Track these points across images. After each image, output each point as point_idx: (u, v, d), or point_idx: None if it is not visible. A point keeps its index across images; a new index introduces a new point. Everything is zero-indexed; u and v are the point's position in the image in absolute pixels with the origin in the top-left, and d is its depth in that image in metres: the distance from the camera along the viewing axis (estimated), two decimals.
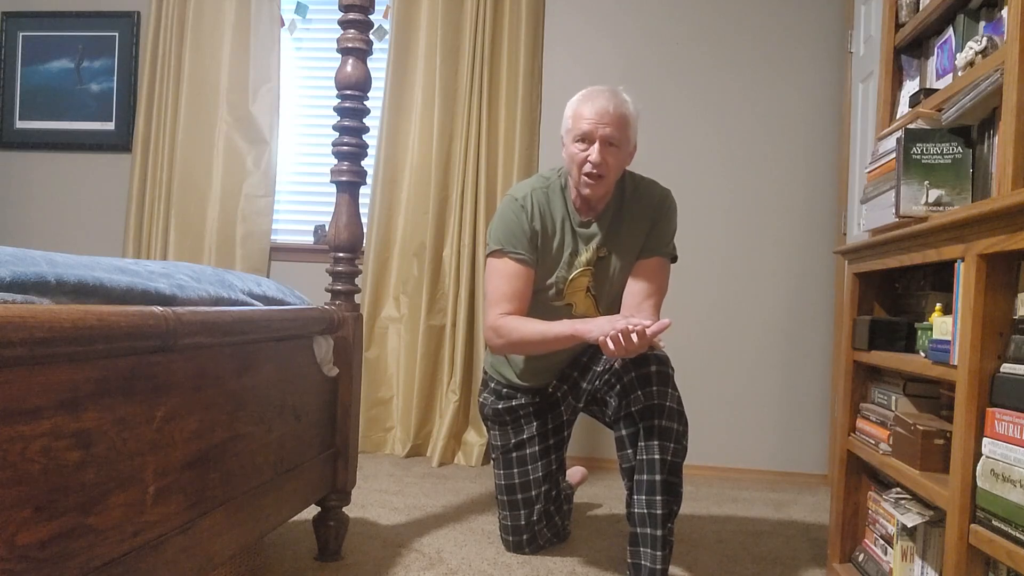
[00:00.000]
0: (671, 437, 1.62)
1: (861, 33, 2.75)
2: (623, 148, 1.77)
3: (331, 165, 1.91)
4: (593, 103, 1.74)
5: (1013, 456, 1.04)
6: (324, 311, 1.75)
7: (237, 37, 3.29)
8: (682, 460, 1.67)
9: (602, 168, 1.74)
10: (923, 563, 1.41)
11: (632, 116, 1.77)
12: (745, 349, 3.08)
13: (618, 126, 1.73)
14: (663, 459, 1.62)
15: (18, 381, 0.81)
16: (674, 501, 1.65)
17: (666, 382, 1.65)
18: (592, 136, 1.73)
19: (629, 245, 1.88)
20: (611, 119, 1.72)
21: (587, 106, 1.75)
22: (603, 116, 1.72)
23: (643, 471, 1.63)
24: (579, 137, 1.75)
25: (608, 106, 1.73)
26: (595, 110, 1.73)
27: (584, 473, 2.62)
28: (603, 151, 1.73)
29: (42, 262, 0.96)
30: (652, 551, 1.61)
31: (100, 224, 3.47)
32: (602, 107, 1.73)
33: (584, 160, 1.74)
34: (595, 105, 1.73)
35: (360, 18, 1.84)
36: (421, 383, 3.13)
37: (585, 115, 1.74)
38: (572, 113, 1.79)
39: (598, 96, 1.75)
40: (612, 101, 1.74)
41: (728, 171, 3.10)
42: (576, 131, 1.76)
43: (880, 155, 1.68)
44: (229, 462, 1.30)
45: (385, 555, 1.92)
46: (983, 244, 1.14)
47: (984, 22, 1.48)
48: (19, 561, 0.82)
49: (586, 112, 1.74)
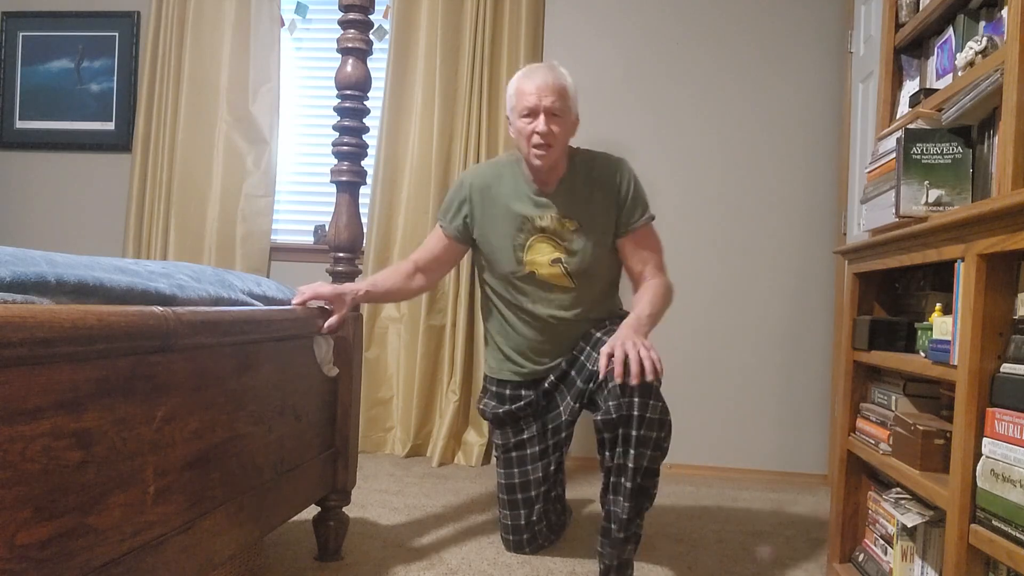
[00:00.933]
0: (648, 444, 1.62)
1: (861, 33, 2.75)
2: (566, 118, 1.86)
3: (331, 165, 1.91)
4: (533, 79, 1.83)
5: (1013, 456, 1.04)
6: (324, 311, 1.75)
7: (237, 37, 3.29)
8: (660, 464, 1.67)
9: (549, 137, 1.82)
10: (923, 563, 1.41)
11: (571, 87, 1.87)
12: (745, 349, 3.08)
13: (559, 96, 1.82)
14: (637, 466, 1.62)
15: (18, 381, 0.81)
16: (645, 500, 1.67)
17: (647, 392, 1.61)
18: (536, 109, 1.81)
19: (596, 218, 1.92)
20: (552, 90, 1.81)
21: (528, 82, 1.83)
22: (544, 89, 1.81)
23: (618, 475, 1.64)
24: (524, 112, 1.83)
25: (548, 79, 1.82)
26: (536, 84, 1.82)
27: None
28: (548, 121, 1.81)
29: (42, 262, 0.96)
30: (615, 549, 1.67)
31: (100, 224, 3.47)
32: (542, 81, 1.82)
33: (532, 132, 1.82)
34: (535, 80, 1.82)
35: (360, 18, 1.84)
36: (421, 383, 3.13)
37: (527, 90, 1.82)
38: (515, 91, 1.87)
39: (537, 72, 1.85)
40: (551, 74, 1.83)
41: (728, 171, 3.10)
42: (521, 107, 1.84)
43: (880, 155, 1.68)
44: (229, 462, 1.30)
45: (385, 555, 1.92)
46: (983, 244, 1.14)
47: (984, 22, 1.48)
48: (19, 561, 0.82)
49: (528, 87, 1.82)
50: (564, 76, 1.86)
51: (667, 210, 2.93)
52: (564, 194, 1.92)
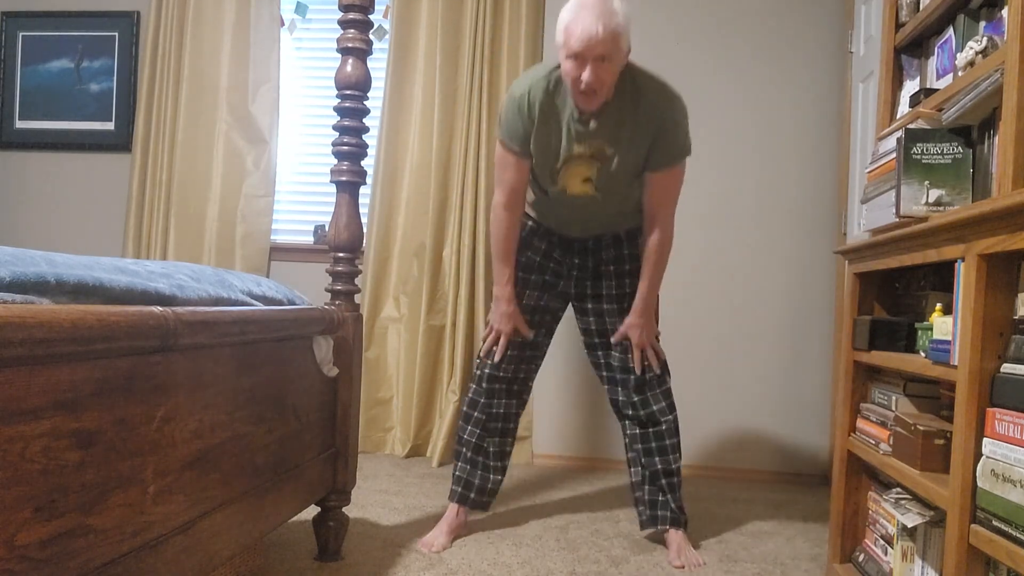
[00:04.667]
0: (668, 451, 2.09)
1: (861, 33, 2.75)
2: (615, 59, 1.77)
3: (331, 165, 1.91)
4: (582, 24, 1.72)
5: (1013, 456, 1.04)
6: (324, 311, 1.75)
7: (237, 37, 3.29)
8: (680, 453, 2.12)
9: (595, 84, 1.76)
10: (923, 563, 1.41)
11: (622, 26, 1.75)
12: (745, 349, 3.08)
13: (608, 43, 1.72)
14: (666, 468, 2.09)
15: (18, 381, 0.81)
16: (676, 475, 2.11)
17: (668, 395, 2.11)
18: (583, 57, 1.74)
19: (631, 145, 1.92)
20: (600, 40, 1.71)
21: (576, 26, 1.73)
22: (592, 39, 1.71)
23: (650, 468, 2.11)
24: (570, 55, 1.76)
25: (596, 27, 1.70)
26: (584, 33, 1.71)
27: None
28: (595, 68, 1.74)
29: (42, 262, 0.96)
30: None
31: (100, 224, 3.47)
32: (591, 29, 1.71)
33: (577, 77, 1.76)
34: (583, 27, 1.71)
35: (360, 18, 1.84)
36: (421, 383, 3.13)
37: (575, 34, 1.73)
38: (563, 28, 1.77)
39: (586, 15, 1.72)
40: (600, 20, 1.71)
41: (728, 171, 3.10)
42: (567, 49, 1.76)
43: (880, 155, 1.68)
44: (229, 462, 1.30)
45: (385, 555, 1.92)
46: (983, 244, 1.14)
47: (984, 22, 1.48)
48: (19, 561, 0.82)
49: (575, 31, 1.73)
50: (615, 16, 1.73)
51: None
52: (607, 122, 1.88)
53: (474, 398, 2.15)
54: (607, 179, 1.96)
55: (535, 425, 3.15)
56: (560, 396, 3.17)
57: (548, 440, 3.16)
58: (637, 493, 2.12)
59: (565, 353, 3.15)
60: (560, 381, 3.17)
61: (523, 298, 2.11)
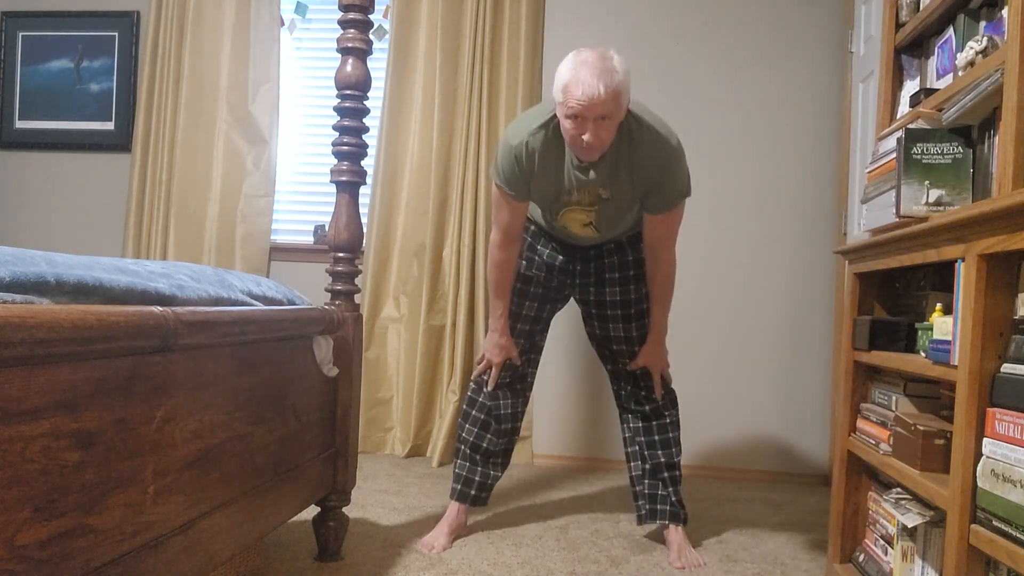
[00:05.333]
0: (670, 444, 2.13)
1: (861, 33, 2.75)
2: (616, 116, 1.74)
3: (331, 165, 1.91)
4: (582, 86, 1.67)
5: (1013, 456, 1.04)
6: (324, 311, 1.75)
7: (237, 37, 3.29)
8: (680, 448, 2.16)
9: (596, 143, 1.73)
10: (923, 563, 1.41)
11: (623, 84, 1.71)
12: (745, 349, 3.08)
13: (609, 103, 1.68)
14: (668, 461, 2.12)
15: (18, 381, 0.81)
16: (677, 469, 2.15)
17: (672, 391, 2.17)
18: (584, 117, 1.69)
19: (628, 188, 1.90)
20: (601, 101, 1.67)
21: (576, 87, 1.67)
22: (593, 100, 1.66)
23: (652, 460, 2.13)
24: (570, 115, 1.71)
25: (597, 89, 1.66)
26: (585, 96, 1.66)
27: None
28: (596, 127, 1.71)
29: (42, 262, 0.96)
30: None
31: (100, 224, 3.47)
32: (591, 92, 1.66)
33: (577, 136, 1.72)
34: (584, 89, 1.66)
35: (360, 18, 1.84)
36: (421, 383, 3.13)
37: (575, 95, 1.67)
38: (562, 87, 1.71)
39: (586, 75, 1.67)
40: (601, 81, 1.66)
41: (727, 171, 3.10)
42: (567, 108, 1.70)
43: (880, 155, 1.68)
44: (229, 462, 1.30)
45: (385, 555, 1.92)
46: (983, 244, 1.14)
47: (984, 22, 1.48)
48: (19, 561, 0.82)
49: (576, 92, 1.67)
50: (615, 75, 1.69)
51: None
52: (605, 169, 1.86)
53: (473, 397, 2.15)
54: (607, 219, 1.97)
55: (535, 425, 3.15)
56: (560, 396, 3.17)
57: (548, 440, 3.16)
58: (637, 487, 2.13)
59: (565, 353, 3.15)
60: (560, 381, 3.17)
61: (523, 308, 2.12)
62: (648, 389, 2.11)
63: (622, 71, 1.71)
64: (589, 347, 3.19)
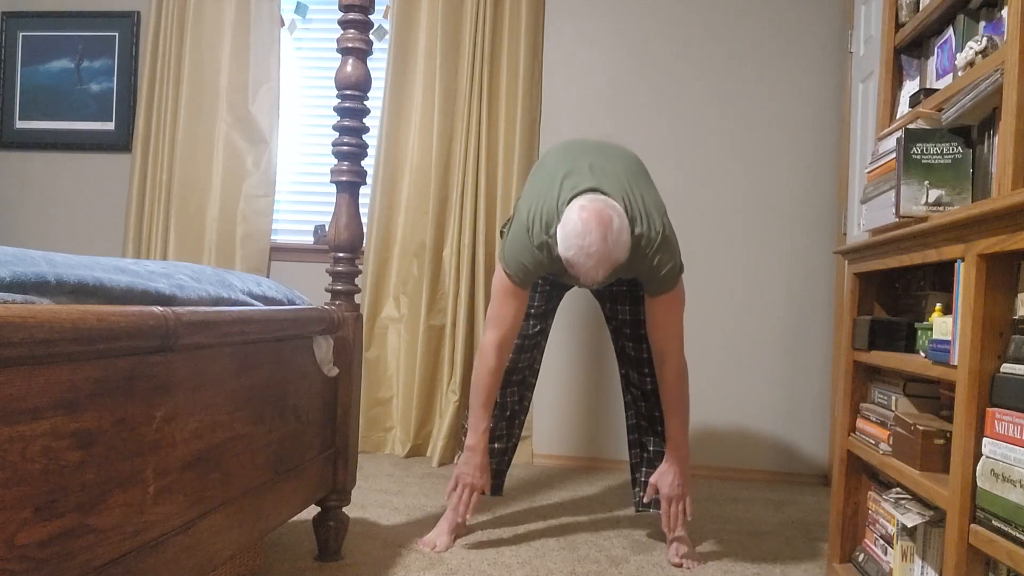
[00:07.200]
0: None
1: (861, 33, 2.75)
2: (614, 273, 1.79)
3: (331, 165, 1.91)
4: (585, 272, 1.70)
5: (1013, 456, 1.04)
6: (324, 311, 1.75)
7: (237, 37, 3.29)
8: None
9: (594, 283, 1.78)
10: (923, 563, 1.41)
11: (621, 254, 1.71)
12: (745, 349, 3.08)
13: (610, 276, 1.76)
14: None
15: (18, 381, 0.81)
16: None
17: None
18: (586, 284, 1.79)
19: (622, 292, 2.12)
20: (604, 279, 1.73)
21: (579, 270, 1.71)
22: (595, 281, 1.73)
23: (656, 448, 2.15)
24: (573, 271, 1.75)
25: (599, 272, 1.69)
26: (587, 279, 1.72)
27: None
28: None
29: (42, 262, 0.96)
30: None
31: (100, 224, 3.47)
32: (592, 278, 1.71)
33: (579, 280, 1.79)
34: (585, 274, 1.70)
35: (360, 18, 1.84)
36: (421, 383, 3.13)
37: (578, 272, 1.72)
38: (566, 260, 1.72)
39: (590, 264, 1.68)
40: (602, 265, 1.68)
41: (728, 171, 3.10)
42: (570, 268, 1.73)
43: (880, 155, 1.68)
44: (229, 462, 1.30)
45: (385, 555, 1.92)
46: (983, 244, 1.14)
47: (984, 22, 1.48)
48: (19, 561, 0.82)
49: (579, 272, 1.71)
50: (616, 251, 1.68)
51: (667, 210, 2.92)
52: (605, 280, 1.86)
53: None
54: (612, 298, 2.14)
55: (535, 425, 3.15)
56: (560, 396, 3.17)
57: (548, 440, 3.17)
58: (636, 474, 2.14)
59: (566, 354, 3.16)
60: (561, 381, 3.17)
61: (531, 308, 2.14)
62: (653, 376, 2.11)
63: (624, 245, 1.71)
64: (589, 347, 3.21)
